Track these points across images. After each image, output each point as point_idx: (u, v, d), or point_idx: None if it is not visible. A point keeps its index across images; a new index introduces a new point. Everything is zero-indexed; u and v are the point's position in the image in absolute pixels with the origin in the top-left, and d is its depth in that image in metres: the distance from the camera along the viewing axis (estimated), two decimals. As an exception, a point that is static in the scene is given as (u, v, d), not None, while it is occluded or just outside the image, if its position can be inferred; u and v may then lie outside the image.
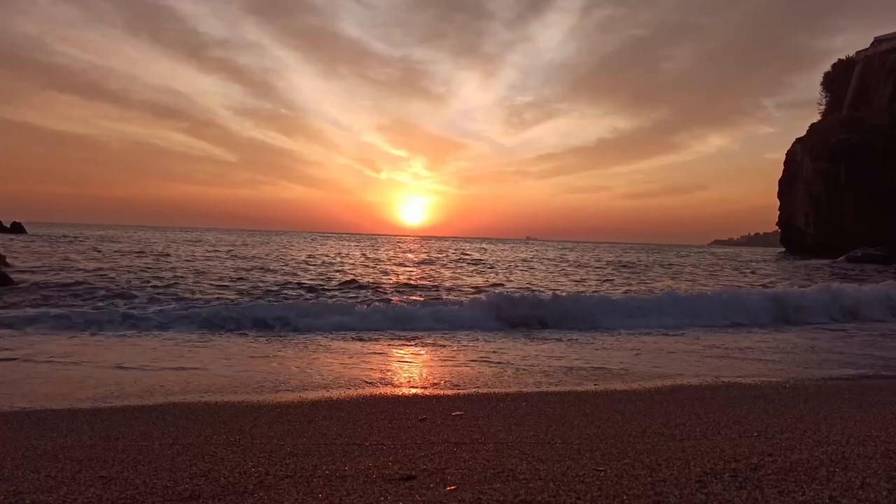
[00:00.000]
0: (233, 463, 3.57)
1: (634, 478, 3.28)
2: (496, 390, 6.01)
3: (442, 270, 28.89)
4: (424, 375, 6.89)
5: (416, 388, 6.20)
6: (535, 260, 42.74)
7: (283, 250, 43.36)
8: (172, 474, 3.35)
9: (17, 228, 51.78)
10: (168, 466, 3.50)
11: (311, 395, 5.64)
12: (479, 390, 6.02)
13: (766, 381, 6.70)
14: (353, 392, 5.84)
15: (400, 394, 5.88)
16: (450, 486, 3.16)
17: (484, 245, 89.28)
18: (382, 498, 3.00)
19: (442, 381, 6.47)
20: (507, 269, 32.31)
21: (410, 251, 45.59)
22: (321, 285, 18.68)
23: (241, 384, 6.13)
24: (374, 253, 46.69)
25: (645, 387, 6.25)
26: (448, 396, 5.70)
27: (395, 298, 15.31)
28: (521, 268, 33.43)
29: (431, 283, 20.67)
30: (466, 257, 43.50)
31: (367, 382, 6.34)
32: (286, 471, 3.42)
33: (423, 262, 35.60)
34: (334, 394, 5.73)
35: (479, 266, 33.46)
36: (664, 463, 3.54)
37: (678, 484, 3.17)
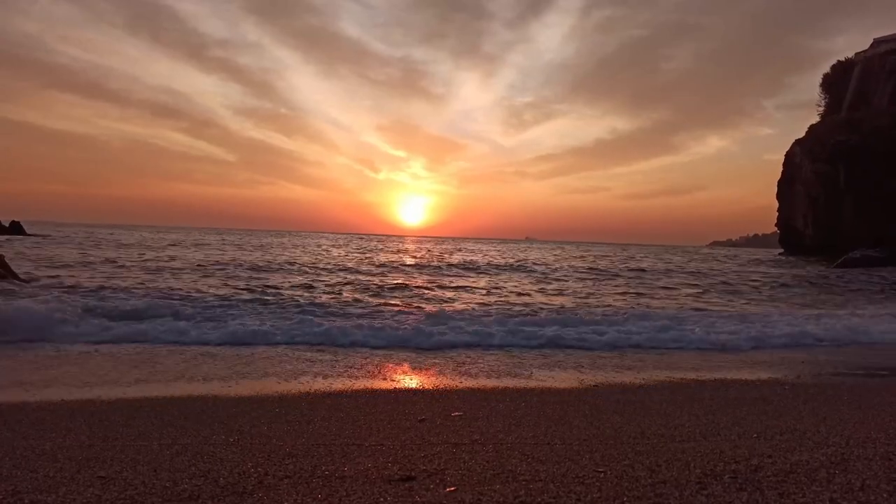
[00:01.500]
0: (232, 463, 3.56)
1: (634, 479, 3.27)
2: (496, 386, 6.00)
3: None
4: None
5: (416, 388, 6.19)
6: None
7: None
8: (172, 474, 3.35)
9: (15, 228, 51.46)
10: (167, 466, 3.49)
11: (314, 389, 5.63)
12: (479, 390, 6.01)
13: (765, 382, 6.70)
14: (352, 388, 5.84)
15: (399, 394, 5.87)
16: (449, 487, 3.15)
17: (524, 247, 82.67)
18: (382, 499, 2.99)
19: (441, 382, 6.46)
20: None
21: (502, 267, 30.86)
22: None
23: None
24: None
25: (644, 387, 6.25)
26: (447, 397, 5.69)
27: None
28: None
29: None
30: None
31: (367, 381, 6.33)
32: (285, 471, 3.42)
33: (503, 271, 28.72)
34: (335, 387, 5.72)
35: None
36: (664, 464, 3.54)
37: (678, 485, 3.17)
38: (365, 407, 5.19)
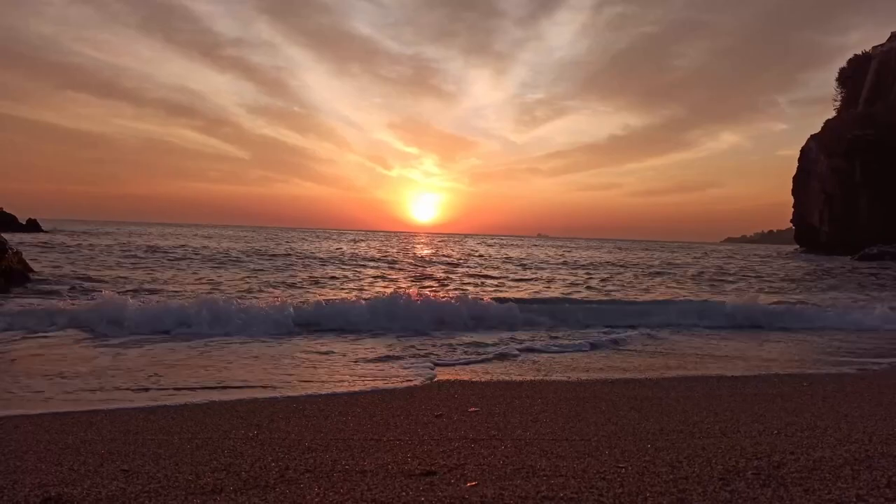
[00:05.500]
0: (253, 457, 3.58)
1: (656, 475, 3.25)
2: (511, 382, 5.99)
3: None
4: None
5: (430, 384, 6.19)
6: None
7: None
8: (194, 468, 3.37)
9: (32, 226, 51.79)
10: (189, 460, 3.51)
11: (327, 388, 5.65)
12: (494, 386, 6.00)
13: (783, 378, 6.63)
14: (368, 387, 5.85)
15: (414, 390, 5.87)
16: (471, 481, 3.15)
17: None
18: (404, 493, 2.99)
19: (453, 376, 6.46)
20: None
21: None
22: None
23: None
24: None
25: (661, 384, 6.21)
26: (462, 393, 5.69)
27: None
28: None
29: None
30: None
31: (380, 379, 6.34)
32: (306, 465, 3.43)
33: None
34: (349, 382, 5.73)
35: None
36: (685, 460, 3.52)
37: (701, 481, 3.15)
38: (381, 402, 5.20)
